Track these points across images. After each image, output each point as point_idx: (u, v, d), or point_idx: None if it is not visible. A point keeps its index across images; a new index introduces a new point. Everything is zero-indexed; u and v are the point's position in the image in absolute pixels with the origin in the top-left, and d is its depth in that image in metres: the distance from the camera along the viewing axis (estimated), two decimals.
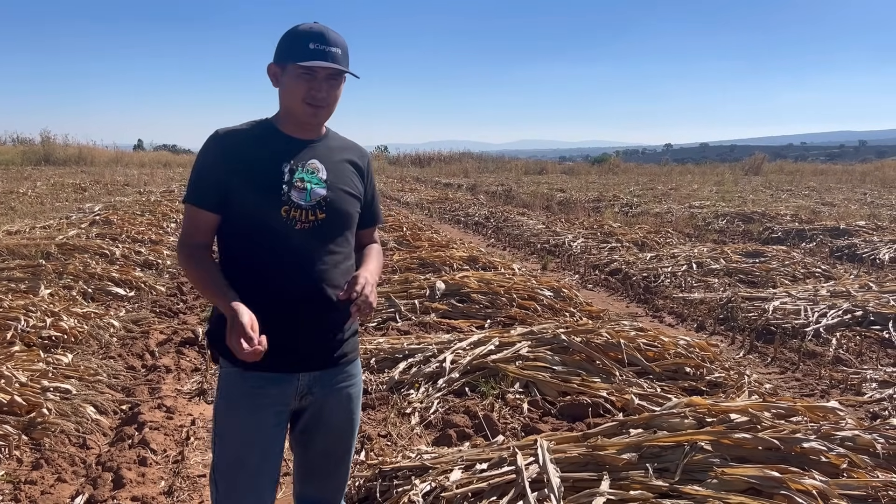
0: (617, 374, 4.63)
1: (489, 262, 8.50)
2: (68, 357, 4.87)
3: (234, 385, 2.05)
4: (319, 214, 2.04)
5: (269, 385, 2.04)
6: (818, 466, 3.00)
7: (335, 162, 2.13)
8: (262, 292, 1.99)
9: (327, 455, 2.23)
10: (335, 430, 2.19)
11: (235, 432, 2.06)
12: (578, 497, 2.85)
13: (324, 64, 1.97)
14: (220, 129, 2.08)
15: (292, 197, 2.01)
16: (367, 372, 4.83)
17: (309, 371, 2.08)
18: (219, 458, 2.10)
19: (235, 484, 2.07)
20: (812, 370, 5.21)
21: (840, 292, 6.92)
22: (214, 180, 2.01)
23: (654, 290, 7.84)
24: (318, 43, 1.98)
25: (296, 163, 2.04)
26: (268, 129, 2.09)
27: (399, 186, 24.91)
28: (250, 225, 2.01)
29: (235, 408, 2.06)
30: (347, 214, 2.14)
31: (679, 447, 3.10)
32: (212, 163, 2.03)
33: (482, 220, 14.49)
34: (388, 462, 3.40)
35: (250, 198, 2.00)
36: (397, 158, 46.84)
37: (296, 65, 1.97)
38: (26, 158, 33.08)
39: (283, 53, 2.02)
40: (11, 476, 3.49)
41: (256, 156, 2.02)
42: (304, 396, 2.09)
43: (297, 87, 2.00)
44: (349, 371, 2.18)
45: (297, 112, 2.04)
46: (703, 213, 14.47)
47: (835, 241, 10.72)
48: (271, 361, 1.97)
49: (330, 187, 2.08)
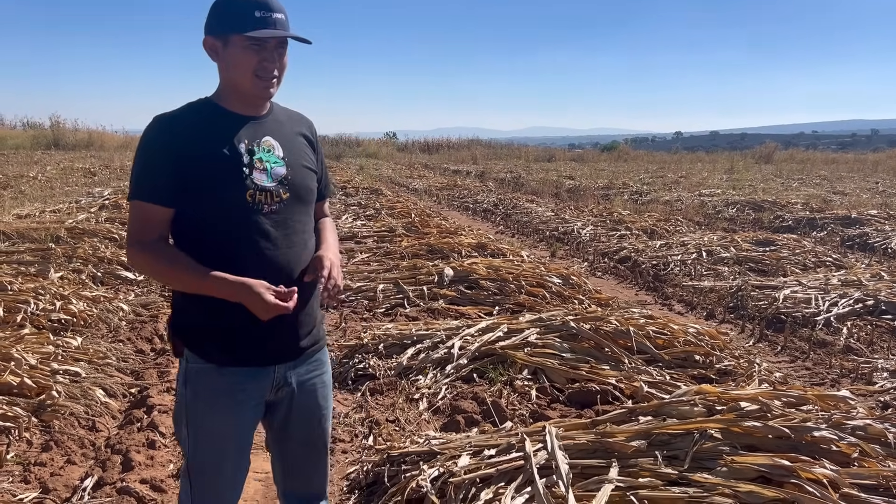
0: (626, 362, 4.61)
1: (498, 249, 8.47)
2: (78, 340, 4.89)
3: (209, 382, 1.95)
4: (284, 194, 1.93)
5: (247, 380, 1.96)
6: (829, 455, 2.98)
7: (288, 137, 2.00)
8: None
9: (308, 445, 2.16)
10: (313, 419, 2.13)
11: (214, 431, 1.98)
12: (587, 484, 2.84)
13: (277, 33, 1.82)
14: (161, 115, 1.89)
15: (255, 179, 1.88)
16: (376, 357, 4.83)
17: (284, 362, 2.01)
18: (193, 456, 2.01)
19: (214, 482, 2.02)
20: (823, 359, 5.18)
21: (851, 281, 6.87)
22: (166, 172, 1.83)
23: (664, 278, 7.80)
24: (264, 10, 1.81)
25: (251, 142, 1.90)
26: (212, 108, 1.92)
27: (408, 173, 24.87)
28: (214, 215, 1.87)
29: (212, 406, 1.95)
30: (309, 190, 2.03)
31: (688, 435, 3.08)
32: (160, 153, 1.85)
33: (491, 207, 14.44)
34: (397, 447, 3.40)
35: (211, 186, 1.84)
36: (406, 145, 46.72)
37: (242, 36, 1.80)
38: (36, 143, 33.16)
39: (223, 23, 1.84)
40: (21, 458, 3.51)
41: (209, 140, 1.86)
42: (279, 388, 2.03)
43: (245, 60, 1.83)
44: (320, 358, 2.13)
45: (245, 87, 1.88)
46: (714, 201, 14.38)
47: (846, 230, 10.64)
48: (248, 355, 1.93)
49: (289, 164, 1.96)
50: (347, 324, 5.86)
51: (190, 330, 1.93)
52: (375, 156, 37.46)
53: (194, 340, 1.95)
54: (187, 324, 1.93)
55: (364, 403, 4.24)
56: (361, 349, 5.00)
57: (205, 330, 1.94)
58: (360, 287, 6.77)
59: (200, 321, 1.93)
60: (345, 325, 5.84)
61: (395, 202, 13.44)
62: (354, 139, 44.53)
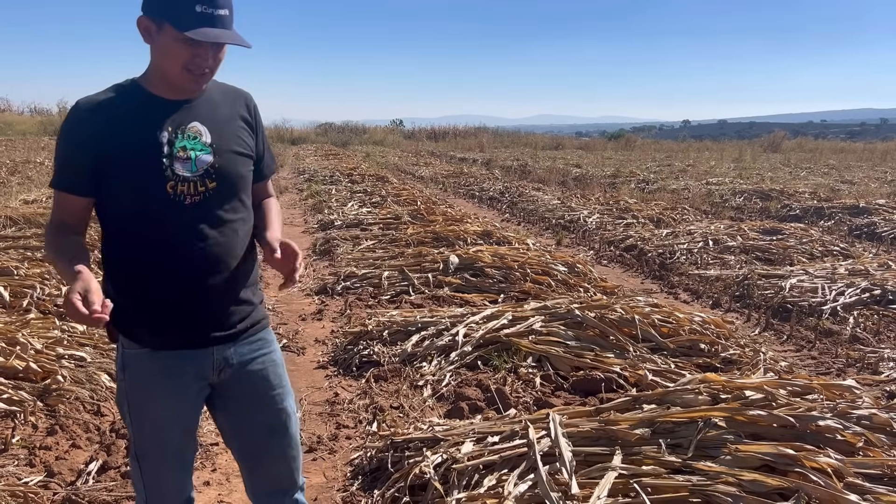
0: (631, 350, 4.60)
1: (503, 237, 8.45)
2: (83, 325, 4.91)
3: (145, 366, 1.91)
4: (210, 184, 1.85)
5: (185, 362, 1.92)
6: (834, 444, 2.97)
7: (220, 121, 1.91)
8: (160, 272, 1.86)
9: (270, 430, 2.06)
10: (266, 401, 2.04)
11: (155, 415, 1.94)
12: (590, 471, 2.84)
13: (215, 37, 1.72)
14: (82, 100, 1.80)
15: (176, 170, 1.80)
16: (380, 344, 4.83)
17: (221, 344, 1.95)
18: (138, 441, 1.99)
19: (160, 465, 2.00)
20: (828, 348, 5.16)
21: (858, 271, 6.83)
22: (83, 161, 1.79)
23: (670, 266, 7.77)
24: (206, 5, 1.70)
25: (174, 129, 1.82)
26: (136, 93, 1.84)
27: (414, 160, 24.82)
28: (134, 206, 1.81)
29: (151, 390, 1.92)
30: (240, 177, 1.94)
31: (692, 423, 3.08)
32: (77, 142, 1.79)
33: (497, 195, 14.41)
34: (400, 433, 3.41)
35: (129, 177, 1.79)
36: (412, 132, 46.62)
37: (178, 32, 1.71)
38: (43, 129, 33.22)
39: (160, 9, 1.73)
40: (27, 441, 3.52)
41: (128, 127, 1.79)
42: (222, 370, 1.97)
43: (176, 53, 1.74)
44: (264, 337, 2.06)
45: (174, 78, 1.80)
46: (721, 189, 14.31)
47: (854, 220, 10.57)
48: (178, 338, 1.90)
49: (216, 151, 1.87)
50: (352, 310, 5.86)
51: (120, 315, 1.86)
52: (382, 143, 37.42)
53: (126, 325, 1.92)
54: (118, 309, 1.82)
55: (368, 390, 4.24)
56: (366, 336, 5.00)
57: (133, 315, 1.90)
58: (366, 274, 6.77)
59: (128, 306, 1.87)
60: (350, 311, 5.85)
61: (401, 189, 13.41)
62: (361, 126, 44.47)
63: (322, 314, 5.91)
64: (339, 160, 22.78)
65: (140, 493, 2.05)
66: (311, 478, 3.29)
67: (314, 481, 3.27)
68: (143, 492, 2.03)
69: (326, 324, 5.68)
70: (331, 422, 3.89)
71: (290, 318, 5.79)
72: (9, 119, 35.00)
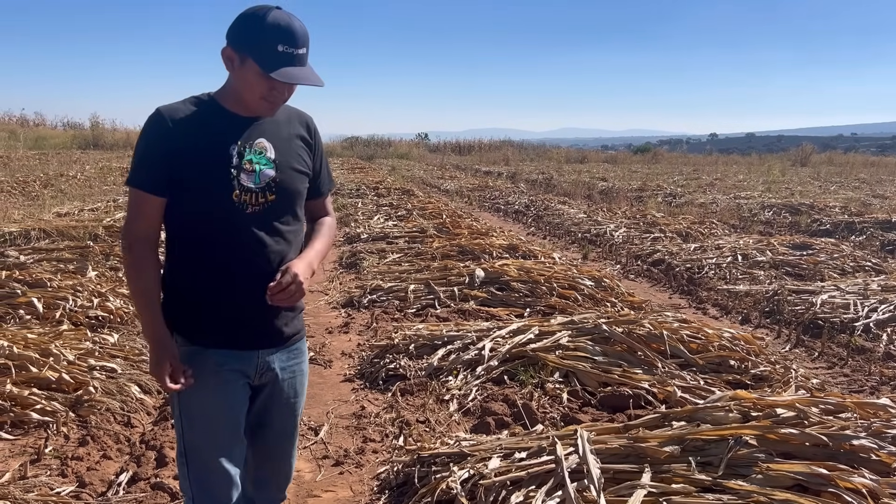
0: (659, 366, 4.56)
1: (529, 251, 8.44)
2: (114, 337, 4.97)
3: (195, 363, 2.02)
4: (269, 196, 2.00)
5: (233, 361, 2.05)
6: (868, 465, 2.91)
7: (283, 139, 2.06)
8: (218, 274, 2.00)
9: (282, 434, 2.25)
10: (288, 407, 2.21)
11: (205, 410, 2.05)
12: (619, 489, 2.81)
13: (295, 79, 1.88)
14: (163, 107, 1.96)
15: (242, 181, 1.95)
16: (406, 358, 4.84)
17: (267, 348, 2.10)
18: (189, 437, 2.07)
19: (209, 461, 2.06)
20: (861, 366, 5.07)
21: (892, 287, 6.71)
22: (160, 162, 1.92)
23: (698, 281, 7.70)
24: (287, 45, 1.85)
25: (243, 143, 1.97)
26: (212, 107, 1.99)
27: (439, 174, 24.90)
28: (200, 209, 1.96)
29: (203, 385, 2.02)
30: (297, 192, 2.09)
31: (723, 441, 3.03)
32: (157, 143, 1.93)
33: (522, 208, 14.40)
34: (427, 448, 3.40)
35: (199, 182, 1.94)
36: (437, 146, 46.79)
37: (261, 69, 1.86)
38: (76, 142, 33.82)
39: (245, 44, 1.88)
40: (59, 451, 3.57)
41: (202, 137, 1.94)
42: (263, 374, 2.11)
43: (257, 86, 1.91)
44: (300, 347, 2.22)
45: (251, 104, 1.97)
46: (749, 204, 14.18)
47: (886, 235, 10.41)
48: (231, 338, 2.03)
49: (279, 167, 2.02)
50: (378, 324, 5.88)
51: (177, 313, 2.03)
52: (407, 157, 37.59)
53: (181, 323, 2.04)
54: (175, 307, 2.03)
55: (395, 403, 4.24)
56: (392, 349, 5.01)
57: (191, 314, 2.04)
58: (392, 287, 6.79)
59: (187, 305, 2.04)
60: (376, 324, 5.86)
61: (427, 203, 13.45)
62: (386, 140, 44.73)
63: (348, 327, 5.94)
64: (364, 174, 22.91)
65: (187, 493, 2.11)
66: (337, 492, 3.30)
67: (341, 495, 3.28)
68: (190, 490, 2.09)
69: (353, 337, 5.70)
70: (357, 435, 3.90)
71: (317, 331, 5.81)
72: (43, 133, 35.68)
